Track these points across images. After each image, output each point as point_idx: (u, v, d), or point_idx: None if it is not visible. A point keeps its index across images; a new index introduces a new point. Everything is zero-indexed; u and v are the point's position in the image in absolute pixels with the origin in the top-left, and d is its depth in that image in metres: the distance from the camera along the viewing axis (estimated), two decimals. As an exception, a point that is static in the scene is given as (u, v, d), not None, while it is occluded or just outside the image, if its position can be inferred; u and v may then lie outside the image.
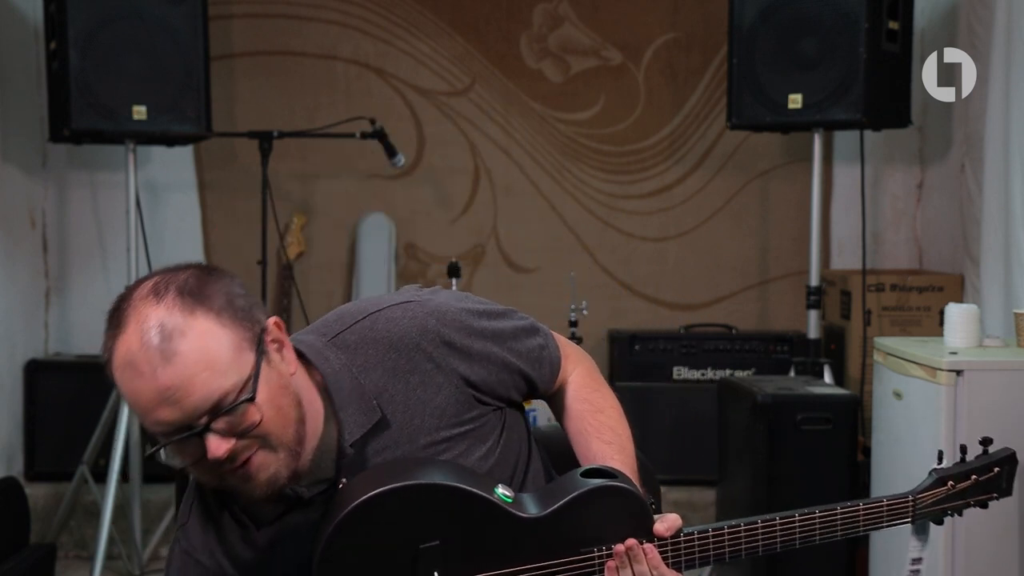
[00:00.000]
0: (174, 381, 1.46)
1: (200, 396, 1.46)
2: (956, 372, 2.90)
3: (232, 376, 1.49)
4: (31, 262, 4.72)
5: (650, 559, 1.66)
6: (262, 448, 1.52)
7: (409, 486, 1.60)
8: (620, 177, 5.03)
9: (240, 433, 1.50)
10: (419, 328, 1.67)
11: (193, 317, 1.50)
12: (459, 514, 1.62)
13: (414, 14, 4.97)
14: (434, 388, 1.67)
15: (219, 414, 1.47)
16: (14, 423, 4.47)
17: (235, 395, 1.48)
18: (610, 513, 1.67)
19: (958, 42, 4.22)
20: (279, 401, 1.53)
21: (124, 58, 3.89)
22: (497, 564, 1.63)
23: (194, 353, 1.47)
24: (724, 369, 4.51)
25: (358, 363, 1.65)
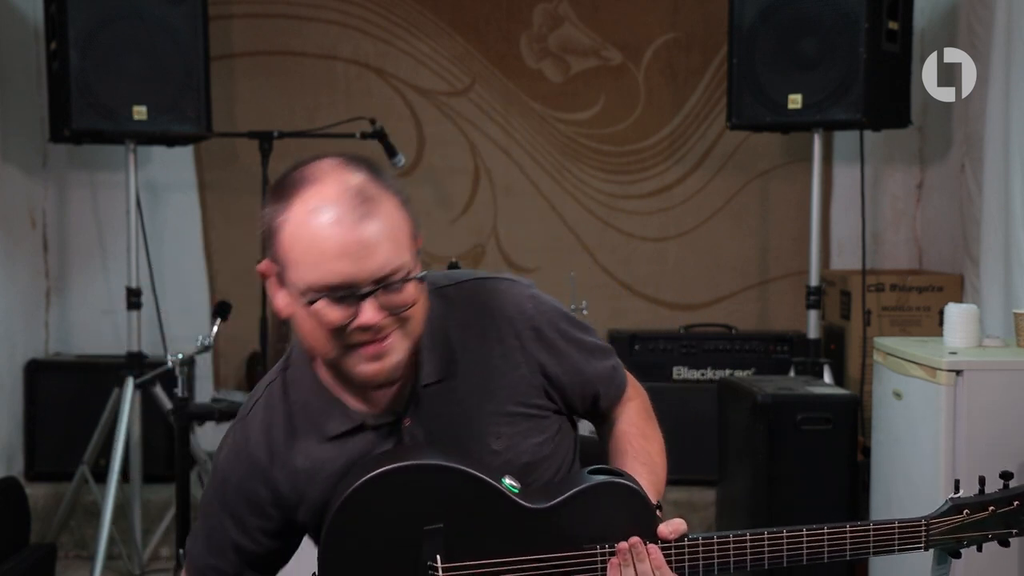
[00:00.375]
0: (364, 239, 1.54)
1: (380, 262, 1.56)
2: (956, 372, 2.90)
3: (405, 256, 1.59)
4: (31, 262, 4.72)
5: (653, 559, 1.67)
6: (399, 331, 1.60)
7: (419, 465, 1.64)
8: (620, 177, 5.02)
9: (393, 310, 1.58)
10: (517, 306, 1.75)
11: (386, 194, 1.62)
12: (465, 499, 1.64)
13: (414, 14, 4.97)
14: (512, 364, 1.73)
15: (386, 284, 1.56)
16: (14, 423, 4.47)
17: (404, 272, 1.58)
18: (615, 510, 1.69)
19: (958, 42, 4.22)
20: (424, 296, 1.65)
21: (124, 58, 3.89)
22: (499, 551, 1.65)
23: (388, 222, 1.58)
24: (724, 369, 4.51)
25: (453, 317, 1.73)
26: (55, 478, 4.39)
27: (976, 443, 2.88)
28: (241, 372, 4.96)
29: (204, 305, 4.92)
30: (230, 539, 1.75)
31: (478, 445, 1.71)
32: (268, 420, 1.73)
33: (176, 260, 4.88)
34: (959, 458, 2.89)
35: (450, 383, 1.71)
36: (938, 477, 2.92)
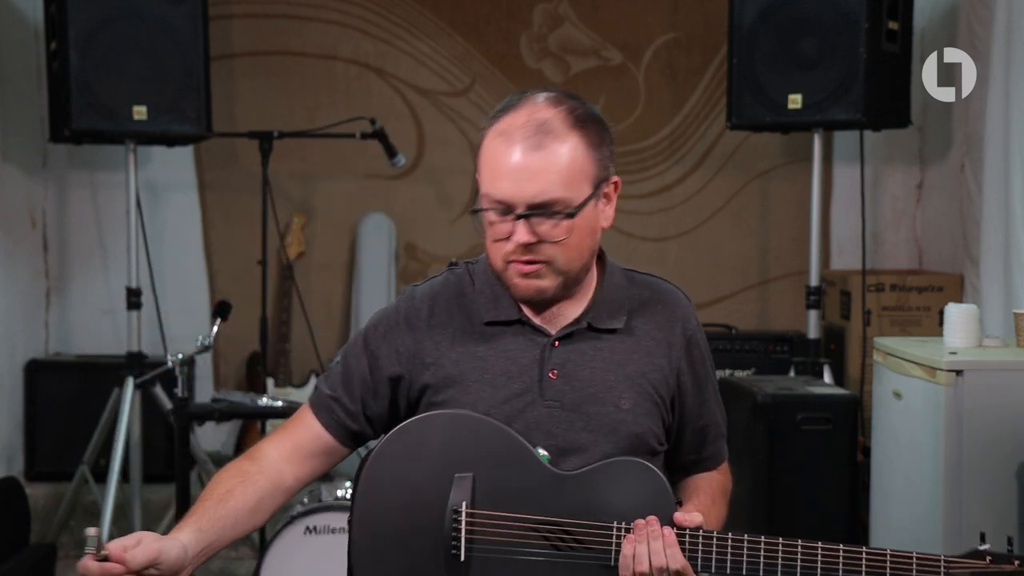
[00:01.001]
0: (529, 165, 1.73)
1: (538, 189, 1.73)
2: (956, 372, 2.90)
3: (568, 192, 1.75)
4: (31, 262, 4.72)
5: (667, 539, 1.72)
6: (548, 266, 1.78)
7: (461, 415, 1.78)
8: (620, 177, 5.02)
9: (544, 237, 1.75)
10: (685, 313, 1.94)
11: (571, 133, 1.76)
12: (498, 455, 1.76)
13: (414, 14, 4.97)
14: (663, 352, 1.89)
15: (541, 213, 1.74)
16: (14, 423, 4.47)
17: (562, 206, 1.74)
18: (637, 490, 1.76)
19: (958, 42, 4.22)
20: (583, 236, 1.79)
21: (124, 58, 3.89)
22: (522, 508, 1.74)
23: (556, 156, 1.74)
24: (724, 369, 4.51)
25: (633, 292, 1.92)
26: (55, 478, 4.39)
27: (976, 443, 2.88)
28: (241, 372, 4.96)
29: (204, 305, 4.92)
30: (361, 375, 1.88)
31: (608, 396, 1.83)
32: (436, 292, 1.90)
33: (176, 260, 4.88)
34: (959, 458, 2.89)
35: (608, 337, 1.86)
36: (938, 477, 2.92)
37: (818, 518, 3.39)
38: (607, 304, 1.88)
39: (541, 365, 1.83)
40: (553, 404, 1.81)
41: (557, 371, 1.83)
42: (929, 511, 2.95)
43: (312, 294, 4.87)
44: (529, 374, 1.82)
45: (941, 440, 2.91)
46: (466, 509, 1.73)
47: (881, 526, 3.30)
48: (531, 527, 1.73)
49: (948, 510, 2.89)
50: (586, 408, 1.82)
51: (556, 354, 1.84)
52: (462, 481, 1.74)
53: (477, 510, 1.74)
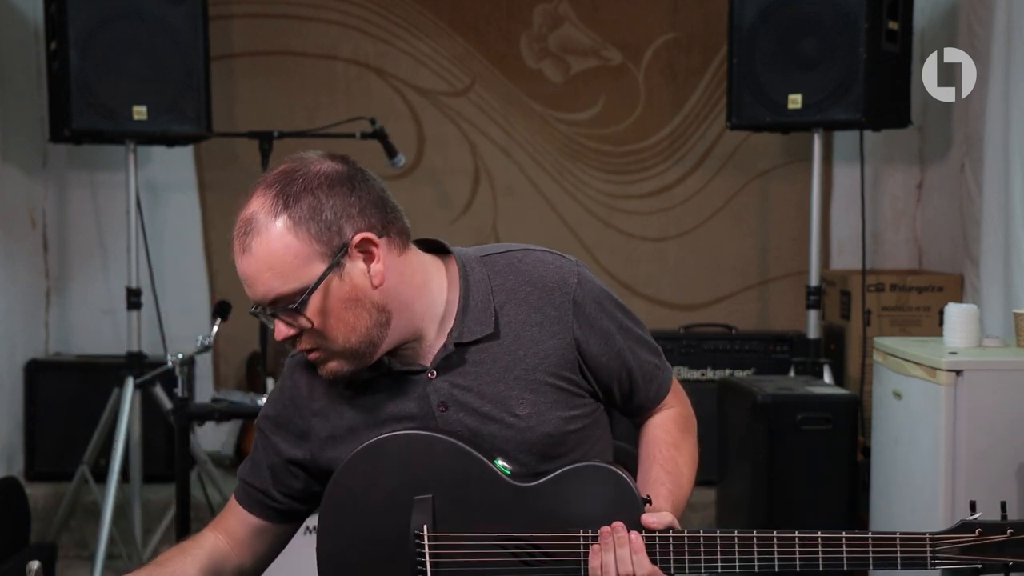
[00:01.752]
0: (246, 271, 1.68)
1: (262, 291, 1.68)
2: (956, 372, 2.90)
3: (293, 283, 1.66)
4: (31, 262, 4.72)
5: (634, 545, 1.67)
6: (321, 348, 1.71)
7: (415, 435, 1.72)
8: (620, 177, 5.03)
9: (299, 330, 1.69)
10: (560, 278, 1.80)
11: (275, 221, 1.66)
12: (456, 472, 1.71)
13: (414, 14, 4.97)
14: (548, 333, 1.77)
15: (275, 312, 1.69)
16: (14, 423, 4.47)
17: (287, 301, 1.67)
18: (601, 496, 1.71)
19: (958, 42, 4.22)
20: (341, 313, 1.69)
21: (124, 58, 3.89)
22: (485, 525, 1.70)
23: (263, 255, 1.66)
24: (724, 369, 4.51)
25: (496, 282, 1.79)
26: (55, 478, 4.39)
27: (976, 443, 2.88)
28: (241, 372, 4.96)
29: (204, 305, 4.92)
30: (268, 462, 1.87)
31: (501, 407, 1.76)
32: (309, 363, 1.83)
33: (176, 260, 4.88)
34: (959, 458, 2.89)
35: (482, 345, 1.77)
36: (938, 477, 2.92)
37: (818, 518, 3.39)
38: (471, 312, 1.77)
39: (426, 404, 1.76)
40: (457, 438, 1.74)
41: (444, 405, 1.76)
42: (929, 511, 2.95)
43: (312, 294, 4.86)
44: (421, 416, 1.77)
45: (941, 440, 2.91)
46: (428, 532, 1.69)
47: (881, 526, 3.30)
48: (497, 544, 1.69)
49: (948, 510, 2.89)
50: (486, 429, 1.75)
51: (436, 386, 1.76)
52: (421, 503, 1.70)
53: (440, 532, 1.70)
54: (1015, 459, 2.87)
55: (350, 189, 1.71)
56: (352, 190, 1.71)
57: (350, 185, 1.72)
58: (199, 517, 4.28)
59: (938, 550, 1.72)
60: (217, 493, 4.29)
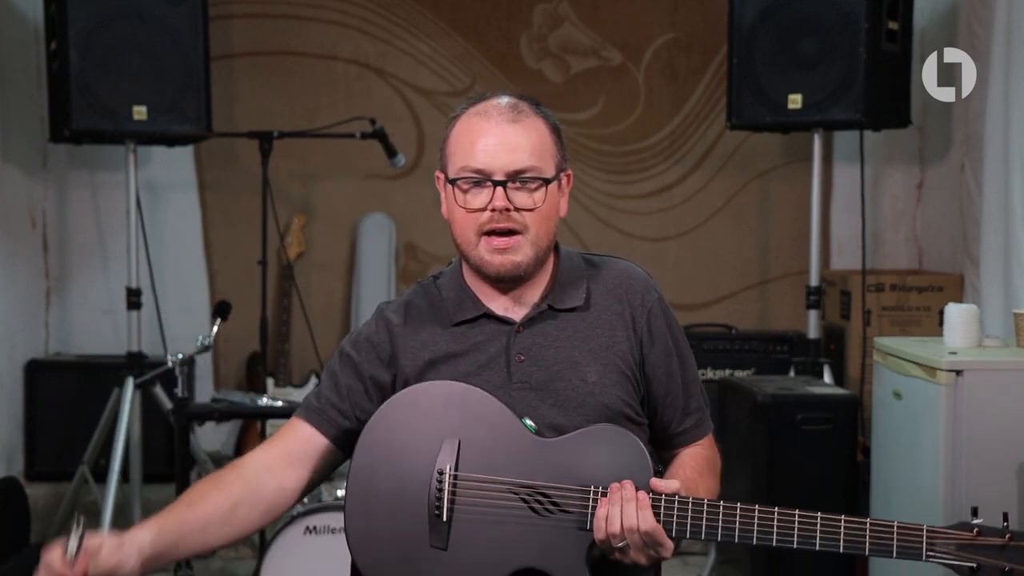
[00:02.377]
0: (506, 135, 1.87)
1: (515, 156, 1.86)
2: (956, 372, 2.90)
3: (541, 162, 1.88)
4: (31, 262, 4.72)
5: (640, 502, 1.75)
6: (524, 235, 1.88)
7: (452, 384, 1.88)
8: (620, 177, 5.03)
9: (520, 205, 1.86)
10: (645, 287, 2.00)
11: (537, 115, 1.92)
12: (485, 421, 1.85)
13: (414, 14, 4.97)
14: (623, 326, 1.95)
15: (517, 179, 1.86)
16: (14, 423, 4.47)
17: (536, 173, 1.87)
18: (614, 454, 1.81)
19: (958, 42, 4.22)
20: (551, 211, 1.91)
21: (124, 58, 3.89)
22: (504, 472, 1.82)
23: (529, 130, 1.89)
24: (724, 369, 4.51)
25: (590, 272, 2.00)
26: (55, 478, 4.39)
27: (976, 443, 2.88)
28: (241, 372, 4.96)
29: (204, 305, 4.92)
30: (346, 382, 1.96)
31: (573, 371, 1.90)
32: (408, 302, 2.01)
33: (176, 260, 4.88)
34: (959, 458, 2.89)
35: (571, 314, 1.94)
36: (938, 477, 2.92)
37: (818, 518, 3.39)
38: (565, 285, 1.96)
39: (508, 351, 1.91)
40: (523, 386, 1.89)
41: (524, 355, 1.91)
42: (929, 511, 2.95)
43: (312, 294, 4.87)
44: (498, 362, 1.91)
45: (941, 440, 2.91)
46: (450, 472, 1.82)
47: (881, 526, 3.30)
48: (511, 490, 1.81)
49: (948, 510, 2.89)
50: (553, 385, 1.89)
51: (521, 339, 1.92)
52: (449, 445, 1.83)
53: (461, 472, 1.82)
54: (1015, 459, 2.87)
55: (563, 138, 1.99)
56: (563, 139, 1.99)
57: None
58: (199, 517, 4.28)
59: (934, 544, 1.74)
60: (217, 493, 4.29)
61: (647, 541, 1.74)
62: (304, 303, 4.59)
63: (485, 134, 1.87)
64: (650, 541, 1.74)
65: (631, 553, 1.76)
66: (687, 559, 4.33)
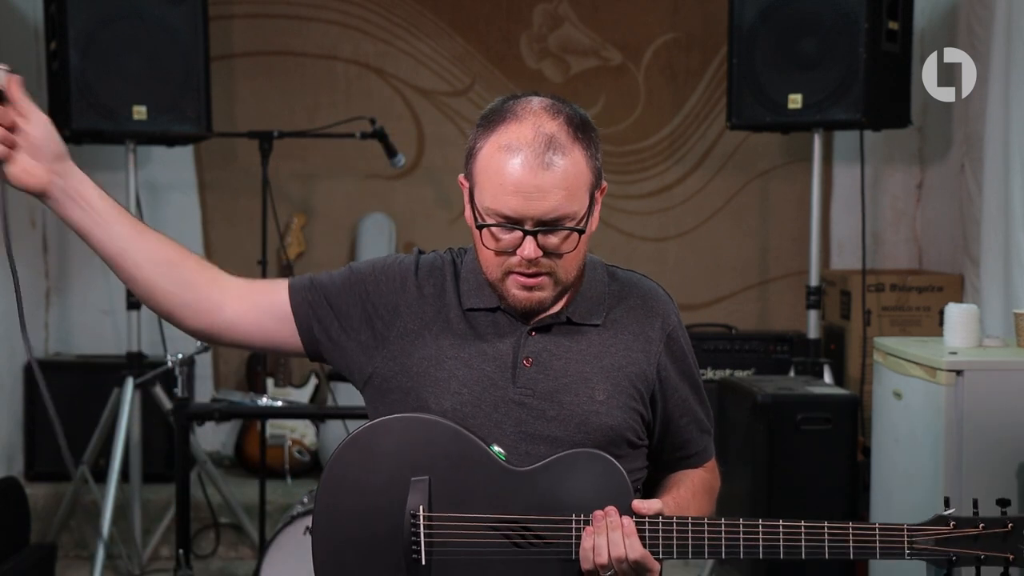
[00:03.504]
0: (540, 184, 1.73)
1: (548, 206, 1.74)
2: (956, 372, 2.90)
3: (574, 206, 1.76)
4: (31, 262, 4.73)
5: (625, 529, 1.71)
6: (550, 276, 1.79)
7: (414, 418, 1.78)
8: (620, 177, 5.03)
9: (550, 251, 1.77)
10: (667, 310, 1.93)
11: (574, 146, 1.77)
12: (453, 455, 1.75)
13: (414, 14, 4.97)
14: (640, 346, 1.88)
15: (550, 229, 1.75)
16: (14, 423, 4.47)
17: (569, 221, 1.76)
18: (593, 481, 1.75)
19: (958, 42, 4.22)
20: (583, 246, 1.81)
21: (124, 58, 3.89)
22: (480, 508, 1.74)
23: (568, 172, 1.75)
24: (724, 369, 4.51)
25: (613, 287, 1.92)
26: (55, 478, 4.39)
27: (976, 443, 2.88)
28: (241, 372, 4.96)
29: (204, 305, 4.91)
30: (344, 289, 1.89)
31: (582, 387, 1.83)
32: (434, 267, 1.93)
33: (176, 260, 4.87)
34: (959, 458, 2.89)
35: (587, 328, 1.87)
36: (938, 477, 2.92)
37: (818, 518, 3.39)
38: (587, 300, 1.88)
39: (516, 352, 1.83)
40: (525, 392, 1.81)
41: (532, 359, 1.83)
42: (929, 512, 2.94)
43: (312, 294, 4.86)
44: (504, 359, 1.83)
45: (941, 440, 2.91)
46: (423, 512, 1.73)
47: (881, 526, 3.30)
48: (490, 526, 1.74)
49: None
50: (559, 398, 1.82)
51: (532, 343, 1.84)
52: (418, 484, 1.74)
53: (435, 512, 1.74)
54: (1015, 459, 2.87)
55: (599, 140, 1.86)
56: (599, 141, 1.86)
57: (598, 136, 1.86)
58: (199, 517, 4.29)
59: (914, 542, 1.80)
60: (217, 493, 4.29)
61: (636, 568, 1.71)
62: (304, 303, 4.58)
63: (514, 177, 1.74)
64: (639, 568, 1.72)
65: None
66: (687, 559, 4.33)
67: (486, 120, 1.82)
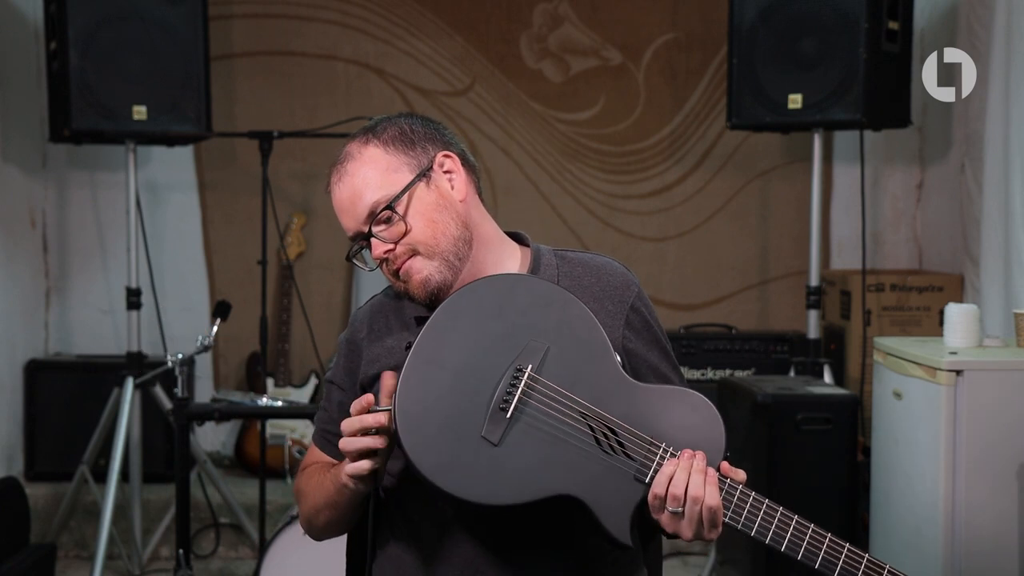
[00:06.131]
0: (342, 195, 1.86)
1: (361, 208, 1.83)
2: (956, 372, 2.90)
3: (386, 189, 1.83)
4: (31, 262, 4.73)
5: (709, 476, 1.70)
6: (416, 256, 1.82)
7: (559, 290, 1.80)
8: (620, 177, 5.03)
9: (394, 240, 1.82)
10: (624, 282, 1.93)
11: (365, 147, 1.88)
12: (578, 336, 1.76)
13: (414, 14, 4.97)
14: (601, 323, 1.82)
15: (373, 221, 1.82)
16: (14, 423, 4.48)
17: (383, 204, 1.82)
18: (694, 424, 1.74)
19: (958, 42, 4.22)
20: (433, 215, 1.83)
21: (124, 58, 3.89)
22: (582, 395, 1.73)
23: (359, 173, 1.85)
24: (724, 369, 4.52)
25: (564, 270, 1.91)
26: (55, 478, 4.39)
27: (976, 443, 2.88)
28: (241, 372, 4.96)
29: (204, 305, 4.93)
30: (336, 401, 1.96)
31: None
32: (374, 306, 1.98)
33: (176, 260, 4.88)
34: (959, 458, 2.89)
35: None
36: (938, 477, 2.92)
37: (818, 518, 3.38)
38: None
39: None
40: None
41: None
42: (929, 511, 2.95)
43: (312, 294, 4.87)
44: None
45: (941, 440, 2.91)
46: (530, 372, 1.72)
47: (881, 526, 3.30)
48: (583, 414, 1.73)
49: (948, 510, 2.89)
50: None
51: None
52: (536, 346, 1.74)
53: (540, 377, 1.73)
54: (1015, 459, 2.87)
55: (435, 127, 1.92)
56: (436, 128, 1.91)
57: (434, 125, 1.92)
58: (199, 517, 4.29)
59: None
60: (217, 493, 4.30)
61: (706, 516, 1.69)
62: (304, 303, 4.59)
63: (337, 202, 1.87)
64: (709, 517, 1.69)
65: (683, 523, 1.70)
66: (687, 559, 4.33)
67: None
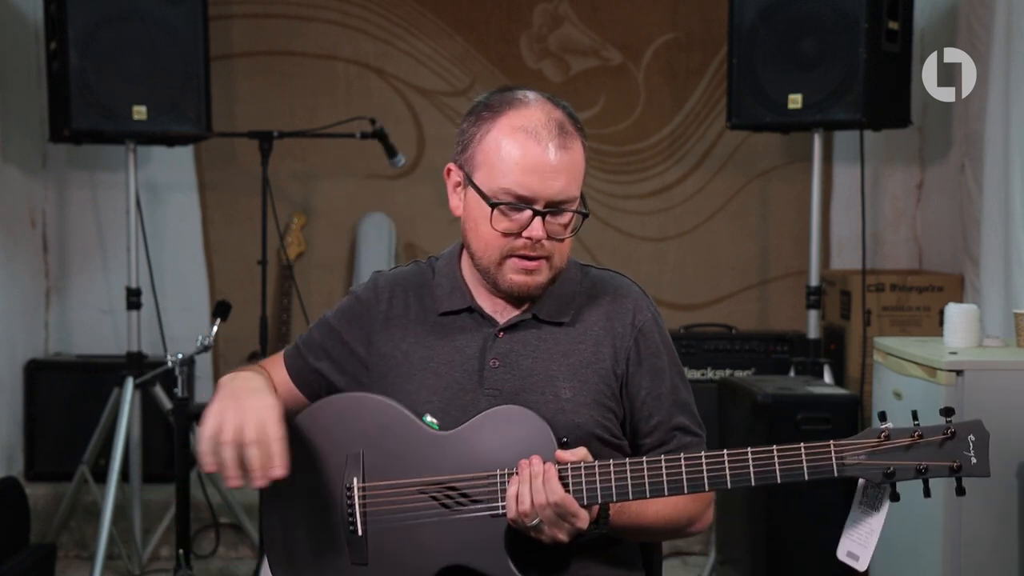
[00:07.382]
0: (557, 164, 1.79)
1: (559, 187, 1.80)
2: (956, 372, 2.90)
3: (577, 191, 1.84)
4: (31, 262, 4.72)
5: (546, 474, 1.71)
6: (547, 261, 1.84)
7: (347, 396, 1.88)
8: (620, 177, 5.03)
9: (553, 234, 1.82)
10: (638, 306, 1.94)
11: (578, 135, 1.85)
12: (384, 427, 1.82)
13: (414, 14, 4.97)
14: (608, 342, 1.89)
15: (557, 211, 1.81)
16: (14, 423, 4.48)
17: (575, 204, 1.84)
18: (517, 434, 1.77)
19: (958, 42, 4.22)
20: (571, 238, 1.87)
21: (124, 58, 3.89)
22: (410, 473, 1.80)
23: (577, 157, 1.83)
24: (724, 369, 4.51)
25: (584, 285, 1.95)
26: (55, 478, 4.39)
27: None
28: (241, 372, 4.95)
29: (204, 305, 4.92)
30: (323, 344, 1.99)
31: (548, 386, 1.86)
32: (397, 283, 1.98)
33: (176, 260, 4.88)
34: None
35: (554, 327, 1.90)
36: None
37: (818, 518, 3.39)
38: (557, 298, 1.91)
39: (483, 354, 1.88)
40: (492, 392, 1.85)
41: (499, 360, 1.87)
42: (929, 511, 2.95)
43: (312, 294, 4.87)
44: (471, 362, 1.88)
45: (941, 440, 2.90)
46: (358, 485, 1.80)
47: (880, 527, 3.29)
48: (420, 490, 1.78)
49: (948, 510, 2.89)
50: (524, 397, 1.84)
51: (499, 344, 1.89)
52: (353, 458, 1.81)
53: (368, 483, 1.80)
54: (1015, 459, 2.87)
55: None
56: None
57: None
58: (199, 517, 4.29)
59: (843, 456, 1.69)
60: (217, 493, 4.30)
61: (559, 513, 1.69)
62: (304, 303, 4.59)
63: (535, 159, 1.78)
64: (562, 512, 1.70)
65: (546, 530, 1.71)
66: (687, 559, 4.33)
67: (488, 107, 1.86)
